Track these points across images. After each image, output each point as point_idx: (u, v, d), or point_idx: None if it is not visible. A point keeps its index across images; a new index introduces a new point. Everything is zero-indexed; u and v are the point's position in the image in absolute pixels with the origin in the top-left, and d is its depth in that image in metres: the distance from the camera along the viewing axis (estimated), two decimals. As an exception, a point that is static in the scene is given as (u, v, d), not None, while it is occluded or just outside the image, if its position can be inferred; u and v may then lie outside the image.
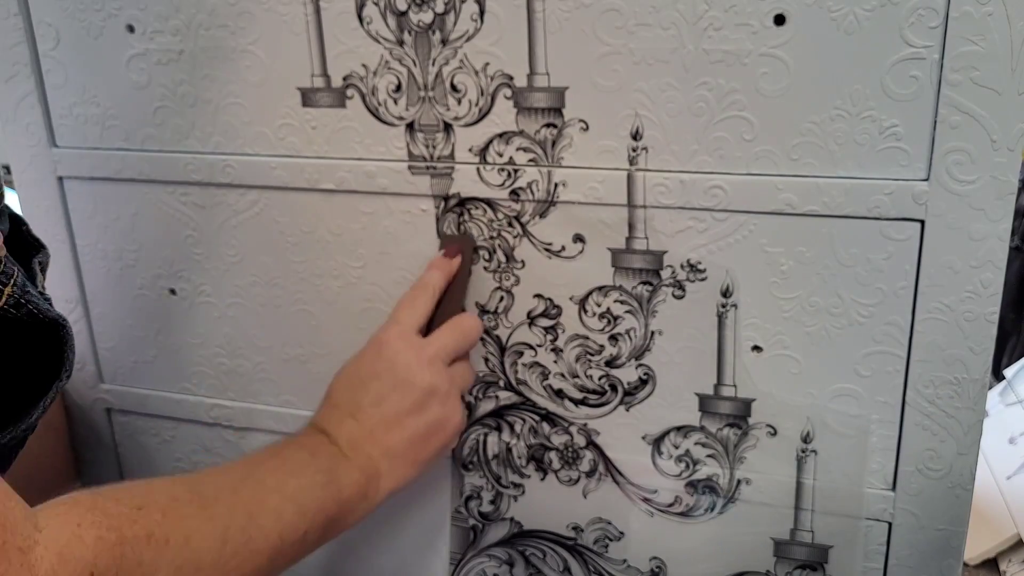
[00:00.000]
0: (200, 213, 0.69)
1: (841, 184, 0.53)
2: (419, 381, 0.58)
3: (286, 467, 0.53)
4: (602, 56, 0.55)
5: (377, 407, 0.57)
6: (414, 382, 0.58)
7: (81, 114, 0.69)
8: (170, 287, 0.72)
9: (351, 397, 0.58)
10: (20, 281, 0.45)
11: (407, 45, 0.59)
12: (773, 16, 0.51)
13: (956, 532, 0.58)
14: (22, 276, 0.45)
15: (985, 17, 0.47)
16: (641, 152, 0.56)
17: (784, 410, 0.59)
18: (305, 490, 0.53)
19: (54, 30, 0.67)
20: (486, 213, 0.61)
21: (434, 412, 0.58)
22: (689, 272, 0.58)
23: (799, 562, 0.62)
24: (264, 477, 0.52)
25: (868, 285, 0.55)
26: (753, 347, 0.58)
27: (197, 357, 0.74)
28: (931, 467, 0.57)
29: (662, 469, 0.63)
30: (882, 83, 0.51)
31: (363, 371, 0.59)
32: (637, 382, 0.62)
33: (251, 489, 0.50)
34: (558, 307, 0.62)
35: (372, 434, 0.57)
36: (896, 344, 0.55)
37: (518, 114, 0.58)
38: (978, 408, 0.55)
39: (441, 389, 0.59)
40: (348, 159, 0.63)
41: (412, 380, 0.58)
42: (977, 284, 0.52)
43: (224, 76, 0.64)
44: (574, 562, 0.68)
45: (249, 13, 0.62)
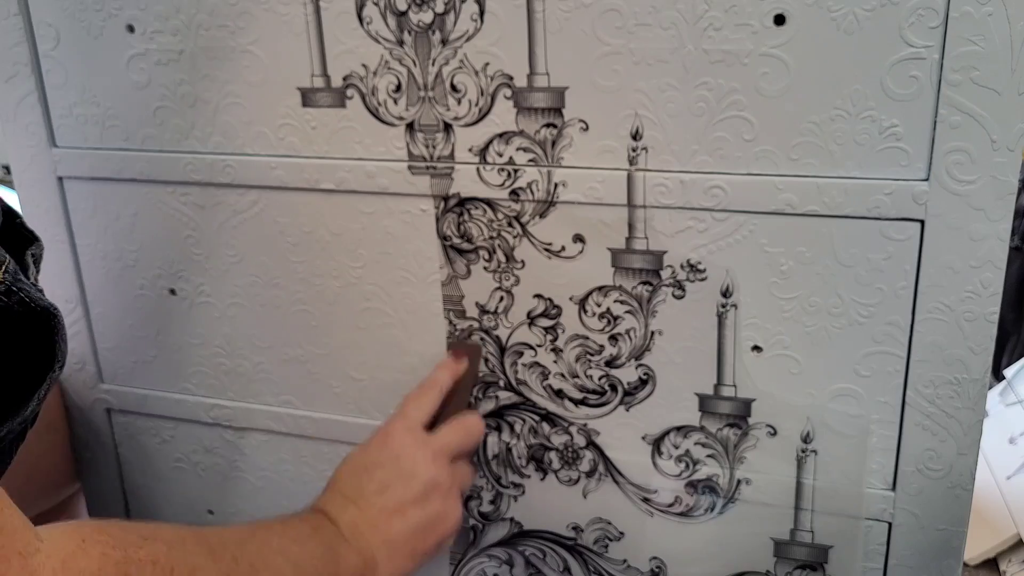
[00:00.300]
0: (200, 213, 0.69)
1: (841, 184, 0.53)
2: (422, 474, 0.59)
3: (290, 534, 0.54)
4: (602, 56, 0.55)
5: (380, 495, 0.58)
6: (417, 474, 0.59)
7: (81, 114, 0.69)
8: (170, 287, 0.72)
9: (355, 484, 0.59)
10: (12, 268, 0.44)
11: (407, 45, 0.59)
12: (773, 16, 0.51)
13: (956, 532, 0.58)
14: (14, 264, 0.45)
15: (985, 17, 0.47)
16: (641, 152, 0.56)
17: (784, 410, 0.59)
18: (306, 559, 0.53)
19: (54, 30, 0.67)
20: (486, 213, 0.61)
21: (435, 506, 0.59)
22: (689, 272, 0.58)
23: (799, 562, 0.62)
24: (269, 538, 0.52)
25: (868, 285, 0.55)
26: (753, 347, 0.58)
27: (197, 357, 0.74)
28: (931, 467, 0.57)
29: (662, 469, 0.63)
30: (882, 83, 0.51)
31: (368, 460, 0.60)
32: (637, 382, 0.62)
33: (256, 546, 0.51)
34: (558, 307, 0.62)
35: (373, 522, 0.58)
36: (896, 344, 0.55)
37: (518, 114, 0.58)
38: (978, 408, 0.55)
39: (443, 484, 0.60)
40: (348, 159, 0.63)
41: (415, 472, 0.59)
42: (977, 284, 0.52)
43: (224, 76, 0.64)
44: (574, 562, 0.68)
45: (249, 13, 0.62)
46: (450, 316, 0.65)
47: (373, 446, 0.60)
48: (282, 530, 0.54)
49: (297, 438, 0.73)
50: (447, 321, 0.65)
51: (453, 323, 0.65)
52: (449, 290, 0.64)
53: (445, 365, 0.63)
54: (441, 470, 0.60)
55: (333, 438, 0.71)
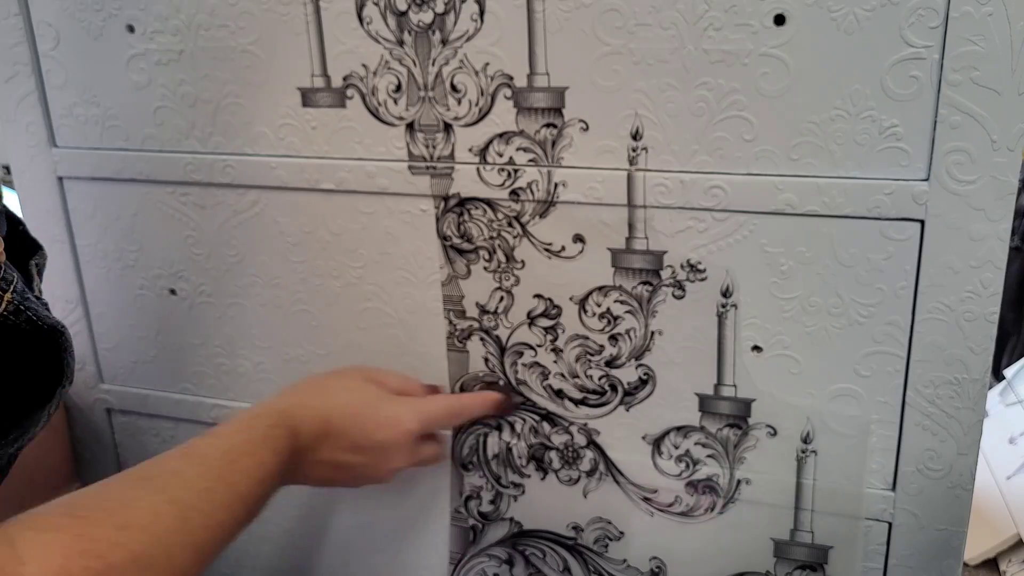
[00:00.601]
0: (200, 213, 0.69)
1: (841, 184, 0.53)
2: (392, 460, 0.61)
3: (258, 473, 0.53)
4: (602, 56, 0.55)
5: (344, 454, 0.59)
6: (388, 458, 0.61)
7: (81, 114, 0.69)
8: (170, 287, 0.72)
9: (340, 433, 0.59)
10: (19, 287, 0.44)
11: (407, 45, 0.59)
12: (773, 16, 0.51)
13: (956, 532, 0.58)
14: (21, 282, 0.45)
15: (985, 17, 0.47)
16: (641, 152, 0.56)
17: (784, 410, 0.59)
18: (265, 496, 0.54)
19: (54, 30, 0.67)
20: (486, 213, 0.61)
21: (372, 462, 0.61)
22: (689, 272, 0.58)
23: (799, 562, 0.62)
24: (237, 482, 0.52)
25: (868, 285, 0.55)
26: (753, 347, 0.58)
27: (197, 357, 0.74)
28: (931, 467, 0.57)
29: (662, 469, 0.63)
30: (882, 83, 0.51)
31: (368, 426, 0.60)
32: (637, 382, 0.62)
33: (223, 495, 0.50)
34: (558, 307, 0.62)
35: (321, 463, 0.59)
36: (896, 344, 0.55)
37: (518, 114, 0.58)
38: (978, 408, 0.55)
39: (397, 464, 0.62)
40: (348, 159, 0.63)
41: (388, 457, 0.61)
42: (977, 284, 0.52)
43: (224, 76, 0.64)
44: (574, 562, 0.68)
45: (249, 13, 0.62)
46: (450, 316, 0.65)
47: (381, 420, 0.60)
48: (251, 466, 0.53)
49: (297, 438, 0.73)
50: (447, 321, 0.65)
51: (453, 323, 0.65)
52: (449, 290, 0.64)
53: (488, 401, 0.65)
54: (407, 457, 0.62)
55: (333, 438, 0.71)
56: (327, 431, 0.59)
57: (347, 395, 0.61)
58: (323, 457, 0.59)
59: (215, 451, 0.52)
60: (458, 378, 0.66)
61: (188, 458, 0.51)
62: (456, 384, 0.66)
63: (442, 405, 0.64)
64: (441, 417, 0.64)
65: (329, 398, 0.60)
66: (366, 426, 0.60)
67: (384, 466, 0.61)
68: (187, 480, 0.49)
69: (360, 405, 0.60)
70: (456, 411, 0.64)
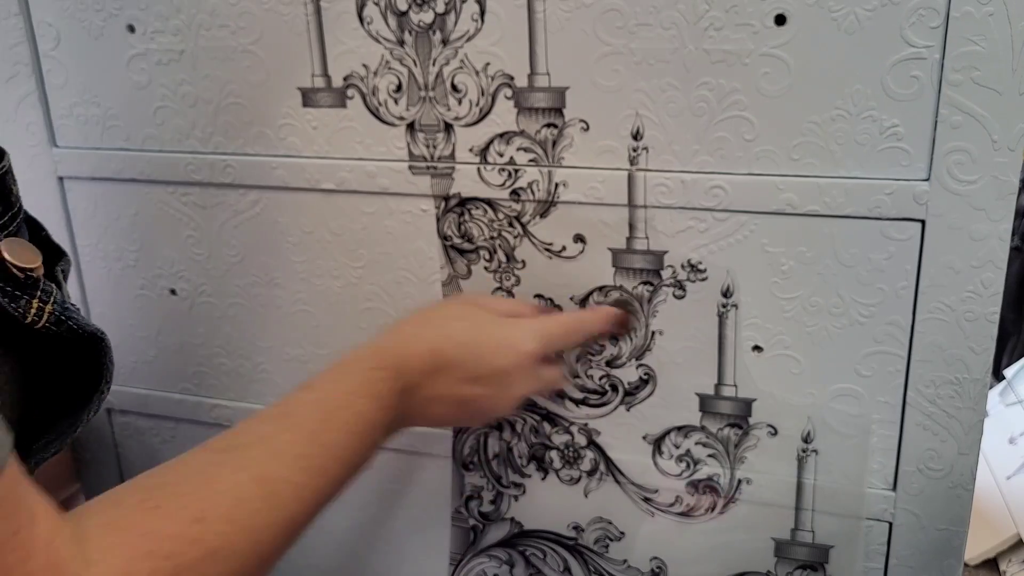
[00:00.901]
0: (201, 213, 0.69)
1: (842, 184, 0.53)
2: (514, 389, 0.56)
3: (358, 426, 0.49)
4: (603, 56, 0.55)
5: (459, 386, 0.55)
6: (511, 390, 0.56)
7: (82, 114, 0.69)
8: (170, 287, 0.72)
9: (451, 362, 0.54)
10: (59, 298, 0.44)
11: (408, 45, 0.59)
12: (774, 16, 0.51)
13: (957, 532, 0.58)
14: (60, 294, 0.45)
15: (986, 17, 0.47)
16: (642, 152, 0.56)
17: (785, 410, 0.59)
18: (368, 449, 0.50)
19: (54, 30, 0.67)
20: (486, 213, 0.61)
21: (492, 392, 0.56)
22: (690, 272, 0.58)
23: (800, 562, 0.62)
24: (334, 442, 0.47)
25: (869, 285, 0.55)
26: (754, 347, 0.58)
27: (197, 357, 0.74)
28: (932, 467, 0.57)
29: (663, 469, 0.63)
30: (883, 83, 0.51)
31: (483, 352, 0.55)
32: (638, 382, 0.62)
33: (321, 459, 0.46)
34: (559, 307, 0.62)
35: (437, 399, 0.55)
36: (897, 344, 0.55)
37: (519, 114, 0.58)
38: (979, 408, 0.55)
39: (520, 391, 0.57)
40: (349, 159, 0.63)
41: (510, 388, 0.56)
42: (978, 284, 0.52)
43: (225, 76, 0.64)
44: (574, 562, 0.68)
45: (250, 13, 0.62)
46: (451, 316, 0.65)
47: (497, 345, 0.55)
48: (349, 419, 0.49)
49: (298, 438, 0.73)
50: (448, 321, 0.65)
51: (454, 323, 0.65)
52: (450, 290, 0.64)
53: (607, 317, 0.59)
54: (530, 382, 0.57)
55: (334, 438, 0.71)
56: (439, 364, 0.54)
57: (457, 323, 0.56)
58: (438, 393, 0.54)
59: (307, 408, 0.48)
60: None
61: (279, 420, 0.47)
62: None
63: (560, 323, 0.59)
64: (560, 335, 0.58)
65: (437, 328, 0.56)
66: (483, 353, 0.55)
67: (506, 395, 0.56)
68: (276, 449, 0.45)
69: (473, 331, 0.56)
70: (575, 328, 0.59)
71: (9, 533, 0.34)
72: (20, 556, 0.34)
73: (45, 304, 0.43)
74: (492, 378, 0.55)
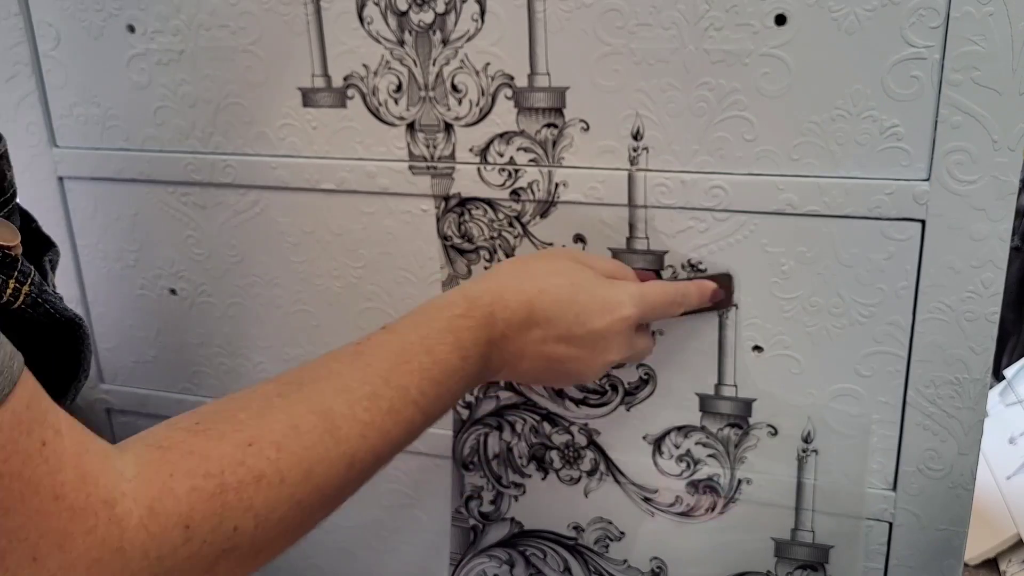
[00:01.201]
0: (201, 213, 0.69)
1: (842, 184, 0.53)
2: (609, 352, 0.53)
3: (435, 372, 0.47)
4: (603, 56, 0.55)
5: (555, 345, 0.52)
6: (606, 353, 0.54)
7: (82, 114, 0.69)
8: (170, 287, 0.72)
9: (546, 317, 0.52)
10: (37, 280, 0.43)
11: (408, 45, 0.59)
12: (774, 16, 0.51)
13: (957, 532, 0.58)
14: (39, 276, 0.44)
15: (986, 17, 0.47)
16: (642, 152, 0.56)
17: (785, 410, 0.59)
18: (445, 397, 0.48)
19: (54, 30, 0.67)
20: (487, 213, 0.61)
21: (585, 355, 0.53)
22: (690, 272, 0.58)
23: (800, 562, 0.62)
24: (409, 384, 0.46)
25: (869, 285, 0.55)
26: (754, 347, 0.58)
27: (197, 357, 0.74)
28: (932, 467, 0.57)
29: (663, 469, 0.63)
30: (883, 83, 0.51)
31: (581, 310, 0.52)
32: (638, 382, 0.62)
33: (391, 400, 0.45)
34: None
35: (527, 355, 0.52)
36: (897, 344, 0.55)
37: (519, 114, 0.58)
38: (979, 408, 0.55)
39: (612, 357, 0.54)
40: (349, 159, 0.63)
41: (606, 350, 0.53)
42: (978, 284, 0.52)
43: (225, 76, 0.64)
44: (575, 562, 0.68)
45: (250, 13, 0.62)
46: (451, 316, 0.65)
47: (596, 306, 0.52)
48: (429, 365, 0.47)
49: (298, 438, 0.73)
50: (448, 321, 0.65)
51: (454, 323, 0.65)
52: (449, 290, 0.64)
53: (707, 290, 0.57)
54: (624, 348, 0.54)
55: (334, 438, 0.71)
56: (533, 318, 0.51)
57: (556, 278, 0.53)
58: (528, 349, 0.52)
59: (383, 349, 0.46)
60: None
61: (352, 359, 0.46)
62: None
63: (661, 291, 0.55)
64: (661, 304, 0.55)
65: (535, 281, 0.53)
66: (580, 312, 0.52)
67: (598, 359, 0.53)
68: (345, 384, 0.44)
69: (572, 289, 0.52)
70: (676, 299, 0.56)
71: (37, 444, 0.33)
72: (49, 468, 0.34)
73: (22, 285, 0.41)
74: (586, 339, 0.52)
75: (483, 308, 0.50)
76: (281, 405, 0.42)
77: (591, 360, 0.53)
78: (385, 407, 0.44)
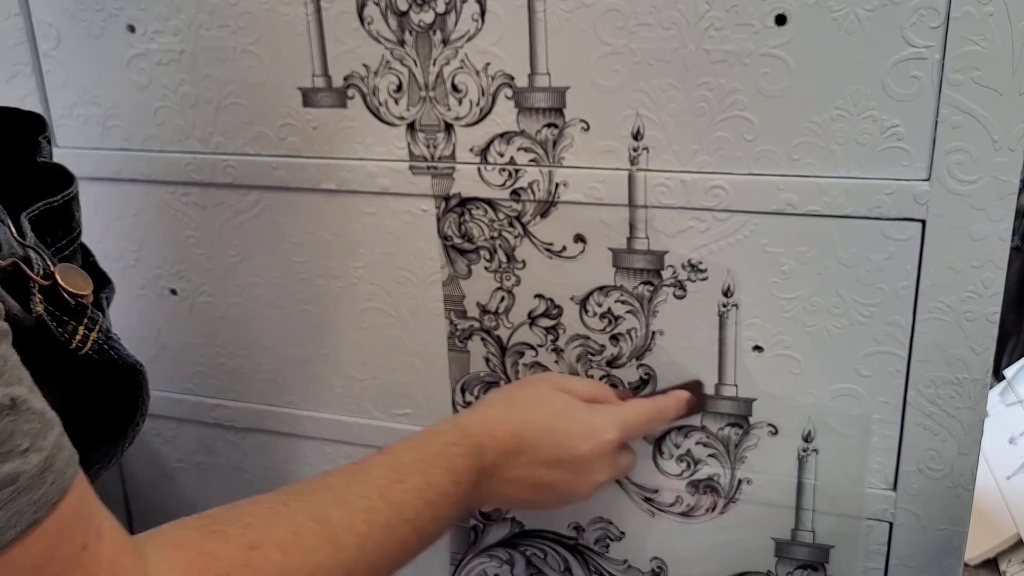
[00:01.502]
0: (201, 213, 0.69)
1: (842, 184, 0.53)
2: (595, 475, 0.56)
3: (429, 493, 0.49)
4: (603, 56, 0.55)
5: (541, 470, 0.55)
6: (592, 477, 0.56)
7: (82, 114, 0.69)
8: (171, 287, 0.72)
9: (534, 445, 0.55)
10: (105, 327, 0.44)
11: (408, 45, 0.59)
12: (774, 16, 0.51)
13: (957, 532, 0.58)
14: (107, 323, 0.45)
15: (986, 17, 0.47)
16: (642, 152, 0.56)
17: (785, 410, 0.59)
18: (439, 520, 0.50)
19: (55, 30, 0.67)
20: (487, 213, 0.61)
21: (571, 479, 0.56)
22: (690, 272, 0.58)
23: (800, 562, 0.62)
24: (404, 502, 0.48)
25: (869, 285, 0.55)
26: (754, 347, 0.58)
27: (198, 357, 0.74)
28: (932, 467, 0.57)
29: (663, 469, 0.63)
30: (883, 83, 0.51)
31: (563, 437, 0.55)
32: (638, 382, 0.62)
33: (387, 515, 0.47)
34: (559, 307, 0.62)
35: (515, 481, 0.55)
36: (897, 344, 0.55)
37: (519, 114, 0.58)
38: (979, 408, 0.55)
39: (599, 478, 0.57)
40: (349, 159, 0.63)
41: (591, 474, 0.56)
42: (978, 284, 0.52)
43: (225, 76, 0.64)
44: (575, 562, 0.68)
45: (250, 13, 0.62)
46: (451, 316, 0.65)
47: (579, 431, 0.55)
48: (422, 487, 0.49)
49: (299, 438, 0.73)
50: (448, 321, 0.65)
51: (454, 323, 0.65)
52: (450, 290, 0.64)
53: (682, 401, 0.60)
54: (609, 469, 0.57)
55: (335, 438, 0.71)
56: (520, 447, 0.54)
57: (539, 407, 0.56)
58: (517, 475, 0.54)
59: (381, 468, 0.49)
60: (459, 379, 0.66)
61: (352, 475, 0.48)
62: (457, 385, 0.66)
63: (640, 411, 0.58)
64: (641, 424, 0.58)
65: (519, 411, 0.56)
66: (564, 439, 0.55)
67: (585, 481, 0.56)
68: (343, 497, 0.46)
69: (555, 417, 0.56)
70: (654, 416, 0.59)
71: (78, 549, 0.35)
72: (87, 572, 0.35)
73: (91, 331, 0.43)
74: (572, 464, 0.55)
75: (474, 438, 0.53)
76: (283, 512, 0.44)
77: (578, 483, 0.56)
78: (382, 521, 0.46)
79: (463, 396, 0.67)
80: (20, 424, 0.33)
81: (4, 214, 0.41)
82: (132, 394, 0.47)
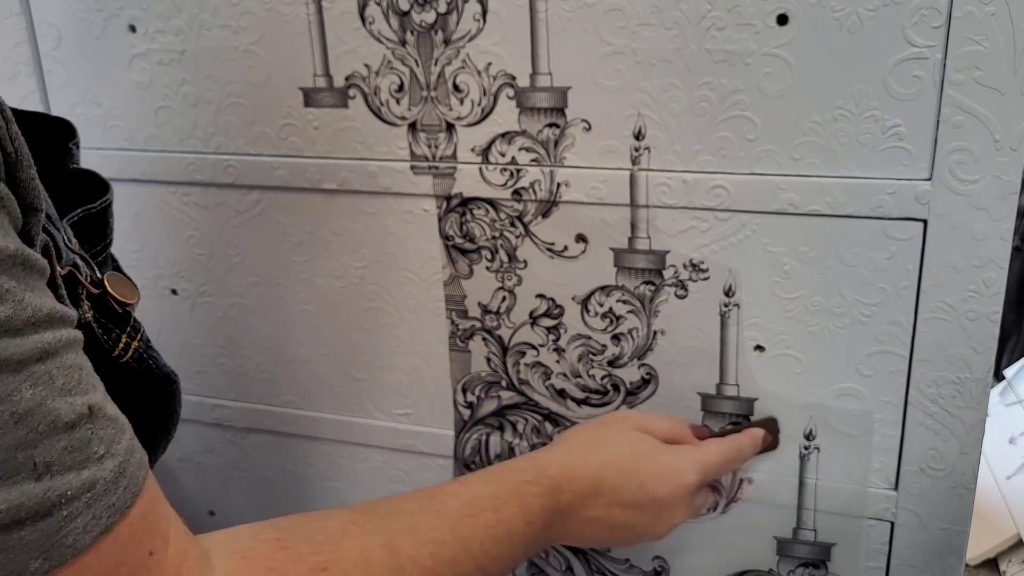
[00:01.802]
0: (202, 213, 0.69)
1: (844, 184, 0.53)
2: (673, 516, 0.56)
3: (499, 531, 0.49)
4: (605, 56, 0.55)
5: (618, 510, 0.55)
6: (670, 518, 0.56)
7: (83, 114, 0.69)
8: (172, 287, 0.72)
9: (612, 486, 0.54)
10: (145, 337, 0.44)
11: (409, 45, 0.59)
12: (776, 16, 0.51)
13: (958, 531, 0.58)
14: (146, 333, 0.45)
15: (988, 17, 0.48)
16: (644, 152, 0.56)
17: (787, 409, 0.59)
18: (504, 559, 0.50)
19: (56, 30, 0.67)
20: (488, 213, 0.61)
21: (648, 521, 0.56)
22: (692, 272, 0.58)
23: (802, 560, 0.62)
24: (471, 537, 0.48)
25: (871, 285, 0.55)
26: (756, 346, 0.58)
27: (199, 357, 0.74)
28: (933, 466, 0.57)
29: (664, 469, 0.63)
30: (885, 83, 0.51)
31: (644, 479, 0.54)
32: (639, 382, 0.62)
33: (454, 550, 0.47)
34: (560, 307, 0.62)
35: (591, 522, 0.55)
36: (898, 343, 0.55)
37: (520, 114, 0.58)
38: (980, 407, 0.55)
39: (676, 519, 0.56)
40: (350, 159, 0.63)
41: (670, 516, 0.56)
42: (980, 283, 0.52)
43: (226, 76, 0.64)
44: (576, 561, 0.68)
45: (251, 13, 0.62)
46: (452, 316, 0.65)
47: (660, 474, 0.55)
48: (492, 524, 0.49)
49: (299, 438, 0.73)
50: (449, 321, 0.65)
51: (455, 323, 0.65)
52: (451, 290, 0.64)
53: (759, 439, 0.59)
54: (686, 511, 0.57)
55: (335, 438, 0.71)
56: (599, 489, 0.54)
57: (619, 449, 0.56)
58: (594, 516, 0.54)
59: (456, 500, 0.49)
60: (460, 379, 0.66)
61: (424, 501, 0.48)
62: (458, 385, 0.66)
63: (718, 451, 0.58)
64: (720, 465, 0.58)
65: (599, 452, 0.55)
66: (644, 481, 0.54)
67: (663, 523, 0.56)
68: (415, 526, 0.46)
69: (636, 459, 0.55)
70: (732, 457, 0.59)
71: (145, 554, 0.35)
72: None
73: (132, 340, 0.43)
74: (651, 506, 0.55)
75: (551, 478, 0.52)
76: (355, 533, 0.44)
77: (655, 524, 0.55)
78: (448, 556, 0.46)
79: (464, 396, 0.67)
80: (97, 431, 0.33)
81: (58, 220, 0.41)
82: (166, 404, 0.47)
